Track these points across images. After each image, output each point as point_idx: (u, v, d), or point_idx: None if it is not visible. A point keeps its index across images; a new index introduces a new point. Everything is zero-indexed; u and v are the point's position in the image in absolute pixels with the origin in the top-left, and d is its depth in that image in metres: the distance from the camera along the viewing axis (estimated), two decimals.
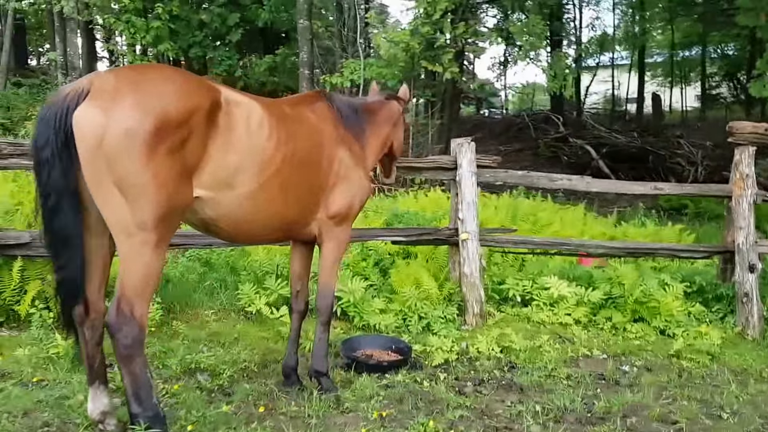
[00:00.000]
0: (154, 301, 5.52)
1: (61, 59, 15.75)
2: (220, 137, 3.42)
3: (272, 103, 4.03)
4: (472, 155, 6.30)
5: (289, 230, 4.12)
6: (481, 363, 5.32)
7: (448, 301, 6.46)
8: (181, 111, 3.19)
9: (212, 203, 3.52)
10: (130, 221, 3.14)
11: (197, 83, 3.41)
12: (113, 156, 3.04)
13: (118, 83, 3.15)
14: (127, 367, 3.30)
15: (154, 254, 3.23)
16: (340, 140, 4.27)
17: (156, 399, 3.41)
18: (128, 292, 3.21)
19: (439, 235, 6.40)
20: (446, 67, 11.46)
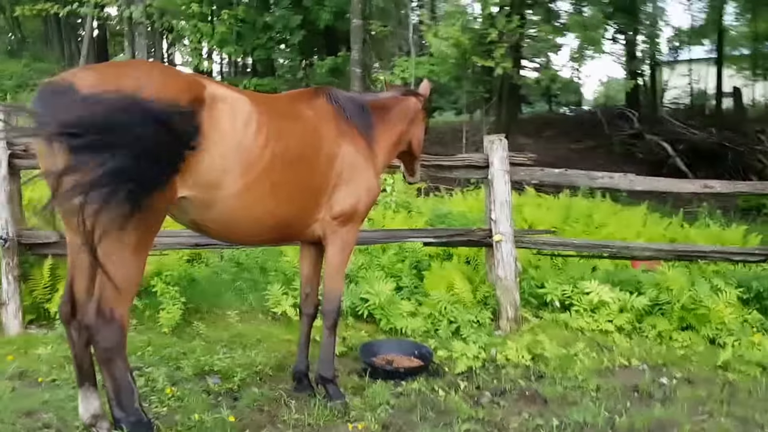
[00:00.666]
0: (178, 301, 5.54)
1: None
2: (204, 135, 3.29)
3: (265, 100, 3.89)
4: (504, 152, 6.02)
5: (286, 231, 3.99)
6: (507, 371, 5.07)
7: (483, 305, 6.21)
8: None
9: (199, 204, 3.43)
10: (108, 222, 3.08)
11: (176, 79, 3.30)
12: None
13: (98, 80, 3.06)
14: (107, 370, 3.26)
15: (134, 255, 3.17)
16: (342, 138, 4.09)
17: (139, 404, 3.34)
18: (108, 293, 3.15)
19: (472, 236, 6.16)
20: (498, 62, 11.13)
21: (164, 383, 4.39)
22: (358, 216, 4.21)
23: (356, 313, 5.95)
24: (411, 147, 4.91)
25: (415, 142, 4.91)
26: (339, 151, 4.04)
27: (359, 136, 4.23)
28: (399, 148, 4.81)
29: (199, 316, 5.88)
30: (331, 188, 4.03)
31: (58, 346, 4.91)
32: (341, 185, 4.06)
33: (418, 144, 4.97)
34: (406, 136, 4.79)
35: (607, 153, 23.12)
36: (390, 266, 6.62)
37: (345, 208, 4.09)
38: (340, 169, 4.04)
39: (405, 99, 4.81)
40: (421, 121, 4.94)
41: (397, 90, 5.02)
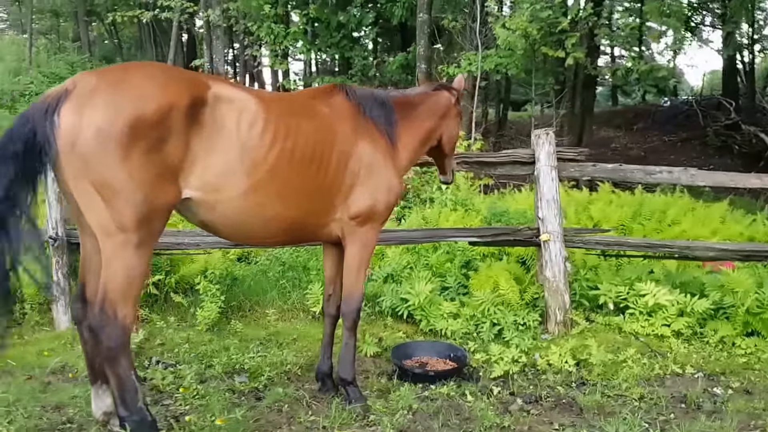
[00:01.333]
0: (218, 299, 5.60)
1: (209, 66, 16.85)
2: (206, 136, 3.30)
3: (274, 99, 3.85)
4: (551, 147, 5.74)
5: (299, 232, 3.93)
6: (546, 377, 4.84)
7: (532, 307, 5.97)
8: (154, 110, 3.10)
9: (204, 205, 3.43)
10: (110, 222, 3.12)
11: (177, 80, 3.29)
12: (87, 157, 3.03)
13: (98, 83, 3.13)
14: (111, 368, 3.30)
15: (136, 255, 3.19)
16: (359, 136, 3.98)
17: (143, 403, 3.38)
18: (110, 293, 3.20)
19: (518, 235, 5.91)
20: (570, 51, 10.66)
21: (191, 381, 4.44)
22: (377, 216, 4.10)
23: (396, 313, 5.85)
24: (442, 144, 4.74)
25: (446, 139, 4.73)
26: (355, 149, 3.94)
27: (379, 133, 4.11)
28: (428, 145, 4.65)
29: (241, 314, 5.95)
30: (347, 188, 3.93)
31: None
32: (358, 185, 3.96)
33: (450, 140, 4.78)
34: (435, 133, 4.63)
35: (702, 145, 21.94)
36: (438, 266, 6.46)
37: (362, 208, 3.99)
38: (356, 169, 3.94)
39: (435, 94, 4.65)
40: (454, 116, 4.76)
41: (428, 85, 4.86)
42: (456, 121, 4.80)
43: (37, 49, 23.82)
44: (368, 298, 6.02)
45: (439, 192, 8.55)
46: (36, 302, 5.79)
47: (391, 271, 6.26)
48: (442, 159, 4.91)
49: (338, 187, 3.88)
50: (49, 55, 23.30)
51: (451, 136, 4.77)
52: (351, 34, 17.06)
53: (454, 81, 4.89)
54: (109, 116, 3.03)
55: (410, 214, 8.15)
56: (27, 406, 4.02)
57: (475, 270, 6.38)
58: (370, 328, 5.70)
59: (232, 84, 3.68)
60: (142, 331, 5.38)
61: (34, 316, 5.71)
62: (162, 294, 5.95)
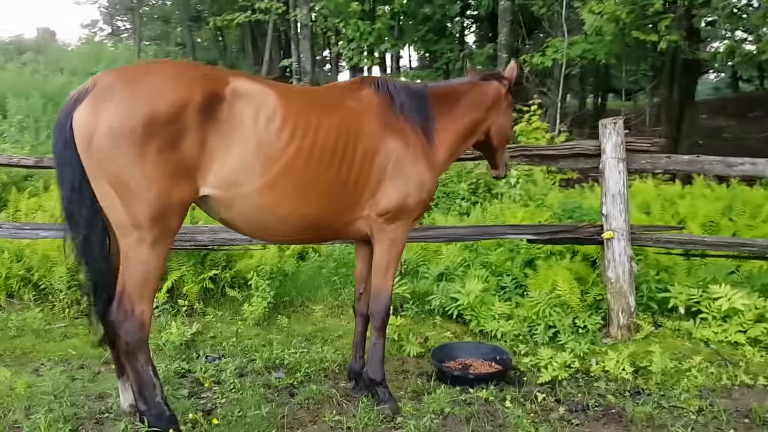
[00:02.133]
0: (268, 294, 5.64)
1: (296, 65, 17.11)
2: (223, 133, 3.29)
3: (296, 93, 3.77)
4: (619, 138, 5.36)
5: (324, 229, 3.85)
6: (598, 385, 4.54)
7: (595, 309, 5.63)
8: (167, 108, 3.12)
9: (223, 202, 3.43)
10: (126, 220, 3.18)
11: (191, 77, 3.28)
12: (102, 155, 3.10)
13: (114, 82, 3.19)
14: (130, 363, 3.37)
15: (152, 253, 3.23)
16: (387, 131, 3.84)
17: (161, 397, 3.43)
18: (129, 289, 3.27)
19: (579, 233, 5.58)
20: (663, 35, 9.93)
21: (230, 375, 4.48)
22: (407, 213, 3.95)
23: (445, 312, 5.67)
24: (490, 137, 4.52)
25: (495, 132, 4.50)
26: (382, 145, 3.81)
27: (410, 128, 3.95)
28: (472, 138, 4.45)
29: (292, 310, 5.97)
30: (374, 184, 3.80)
31: (155, 333, 5.18)
32: (386, 181, 3.83)
33: (500, 133, 4.54)
34: (481, 126, 4.42)
35: None
36: (499, 264, 6.22)
37: (391, 205, 3.86)
38: (383, 164, 3.81)
39: (482, 84, 4.44)
40: (505, 107, 4.52)
41: (476, 74, 4.62)
42: (507, 113, 4.55)
43: (146, 55, 25.08)
44: (418, 297, 5.89)
45: (508, 186, 8.23)
46: None
47: (444, 269, 6.08)
48: (491, 153, 4.69)
49: (364, 183, 3.77)
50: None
51: (501, 128, 4.53)
52: (437, 27, 16.82)
53: (506, 69, 4.66)
54: (123, 115, 3.07)
55: (474, 210, 7.91)
56: (73, 394, 4.19)
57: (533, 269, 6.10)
58: (417, 328, 5.57)
59: (254, 79, 3.61)
60: (196, 324, 5.51)
61: None
62: (218, 288, 6.06)
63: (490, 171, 4.88)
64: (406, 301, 5.81)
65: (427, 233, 5.68)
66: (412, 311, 5.76)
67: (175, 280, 5.87)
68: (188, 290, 5.86)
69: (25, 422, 3.73)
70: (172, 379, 4.46)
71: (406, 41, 16.78)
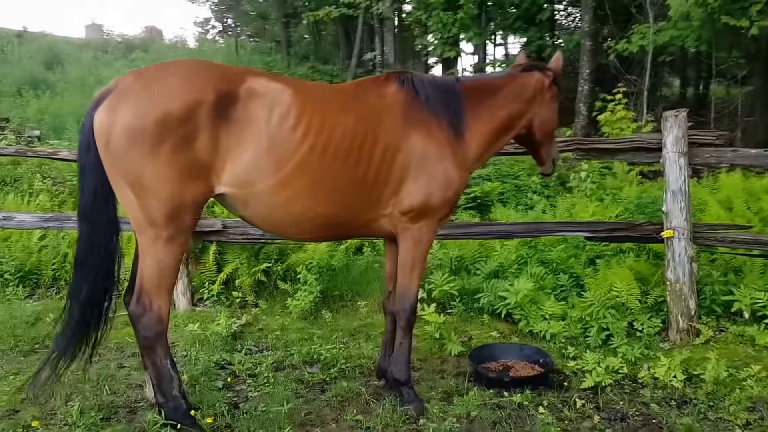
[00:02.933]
0: (315, 289, 5.69)
1: (379, 58, 17.16)
2: (236, 132, 3.31)
3: (316, 91, 3.72)
4: (681, 131, 5.01)
5: (344, 227, 3.80)
6: (644, 392, 4.29)
7: (656, 311, 5.32)
8: (180, 108, 3.18)
9: (239, 200, 3.47)
10: (141, 217, 3.28)
11: (204, 77, 3.33)
12: (118, 154, 3.21)
13: (132, 82, 3.29)
14: (148, 357, 3.49)
15: (167, 249, 3.32)
16: (411, 128, 3.74)
17: (179, 391, 3.51)
18: (146, 284, 3.38)
19: (637, 231, 5.27)
20: (754, 20, 9.19)
21: (266, 368, 4.56)
22: (431, 212, 3.84)
23: (494, 311, 5.52)
24: (532, 131, 4.31)
25: (538, 125, 4.27)
26: (405, 142, 3.72)
27: (437, 123, 3.83)
28: (511, 132, 4.25)
29: (341, 304, 5.99)
30: (396, 182, 3.73)
31: (206, 324, 5.35)
32: (409, 179, 3.74)
33: (543, 127, 4.30)
34: (520, 120, 4.21)
35: None
36: (561, 261, 6.00)
37: (414, 204, 3.77)
38: (406, 162, 3.72)
39: (522, 76, 4.22)
40: (548, 100, 4.27)
41: (517, 65, 4.41)
42: (551, 106, 4.30)
43: (245, 50, 25.87)
44: (467, 294, 5.77)
45: (577, 180, 7.92)
46: None
47: (497, 266, 5.92)
48: (536, 148, 4.46)
49: (384, 181, 3.70)
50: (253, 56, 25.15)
51: (545, 122, 4.29)
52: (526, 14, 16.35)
53: (552, 59, 4.44)
54: (137, 114, 3.16)
55: (539, 203, 7.68)
56: (116, 382, 4.39)
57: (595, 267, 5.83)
58: (463, 326, 5.46)
59: (273, 77, 3.61)
60: (246, 316, 5.65)
61: None
62: (271, 281, 6.18)
63: (539, 168, 4.65)
64: (454, 299, 5.70)
65: (475, 230, 5.55)
66: (459, 309, 5.65)
67: (229, 272, 6.04)
68: (241, 282, 6.00)
69: (62, 409, 3.93)
70: (211, 371, 4.57)
71: (493, 30, 16.44)
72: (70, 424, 3.75)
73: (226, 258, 6.18)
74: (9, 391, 4.24)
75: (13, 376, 4.55)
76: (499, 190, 8.74)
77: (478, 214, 8.20)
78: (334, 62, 26.24)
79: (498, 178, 9.07)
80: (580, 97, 12.86)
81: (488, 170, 9.17)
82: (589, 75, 12.75)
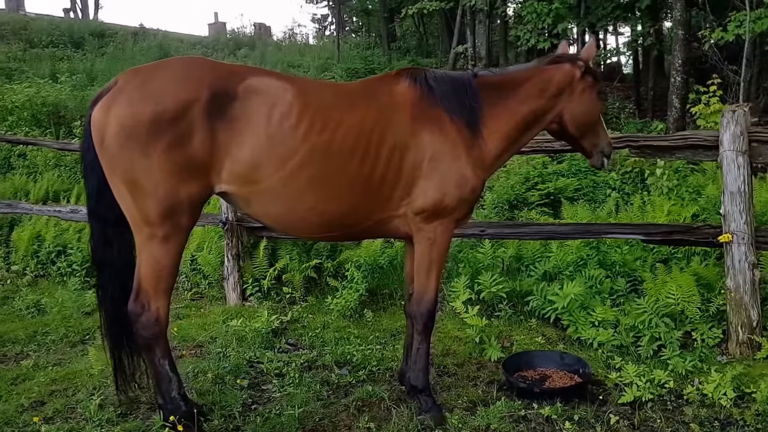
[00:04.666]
0: (360, 287, 5.66)
1: (470, 50, 16.81)
2: (234, 130, 3.30)
3: (320, 90, 3.66)
4: (739, 128, 4.59)
5: (352, 227, 3.72)
6: (687, 410, 3.97)
7: (717, 321, 4.93)
8: (173, 107, 3.20)
9: (241, 199, 3.48)
10: (136, 216, 3.33)
11: (200, 76, 3.33)
12: (112, 153, 3.26)
13: (130, 80, 3.33)
14: (147, 357, 3.55)
15: (162, 248, 3.35)
16: (422, 126, 3.61)
17: (178, 392, 3.55)
18: (143, 284, 3.42)
19: (693, 234, 4.89)
20: None
21: (295, 368, 4.58)
22: (446, 212, 3.69)
23: (543, 316, 5.30)
24: (565, 125, 4.03)
25: (569, 118, 3.98)
26: (415, 140, 3.60)
27: (450, 121, 3.68)
28: (536, 128, 4.01)
29: (390, 303, 5.93)
30: (407, 182, 3.62)
31: (250, 320, 5.42)
32: (421, 178, 3.62)
33: (576, 120, 4.00)
34: (546, 114, 3.96)
35: None
36: (625, 263, 5.67)
37: (427, 204, 3.65)
38: (417, 161, 3.60)
39: (548, 69, 3.95)
40: (581, 91, 3.96)
41: (544, 58, 4.11)
42: (584, 97, 3.98)
43: (347, 45, 26.11)
44: (516, 298, 5.56)
45: (654, 177, 7.45)
46: (213, 279, 6.50)
47: (552, 267, 5.66)
48: (575, 142, 4.19)
49: (393, 181, 3.60)
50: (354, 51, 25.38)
51: (577, 114, 3.99)
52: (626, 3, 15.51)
53: (584, 48, 4.17)
54: (130, 113, 3.20)
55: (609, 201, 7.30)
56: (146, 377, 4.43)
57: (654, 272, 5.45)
58: (508, 330, 5.27)
59: (276, 75, 3.58)
60: (291, 313, 5.71)
61: (211, 291, 6.41)
62: (322, 278, 6.21)
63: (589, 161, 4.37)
64: (502, 301, 5.51)
65: (521, 230, 5.35)
66: (507, 312, 5.46)
67: (280, 268, 6.13)
68: (291, 278, 6.08)
69: (83, 403, 4.03)
70: (241, 368, 4.62)
71: (591, 20, 15.73)
72: (87, 418, 3.85)
73: (279, 254, 6.28)
74: (43, 383, 4.41)
75: (53, 366, 4.75)
76: (575, 186, 8.38)
77: (551, 212, 7.90)
78: (436, 55, 26.05)
79: (574, 174, 8.71)
80: (672, 89, 12.10)
81: (563, 165, 8.82)
82: (682, 65, 11.96)
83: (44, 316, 5.94)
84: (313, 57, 22.72)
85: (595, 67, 4.13)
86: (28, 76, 15.22)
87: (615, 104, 16.15)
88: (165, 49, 23.06)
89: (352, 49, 25.20)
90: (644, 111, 15.99)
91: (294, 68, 20.21)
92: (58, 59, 19.40)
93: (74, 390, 4.30)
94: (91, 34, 24.02)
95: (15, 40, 20.97)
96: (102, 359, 4.45)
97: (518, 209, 7.86)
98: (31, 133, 10.71)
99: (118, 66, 19.34)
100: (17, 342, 5.30)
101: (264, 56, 23.03)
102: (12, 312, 6.14)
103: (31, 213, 7.44)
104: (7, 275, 7.33)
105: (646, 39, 15.53)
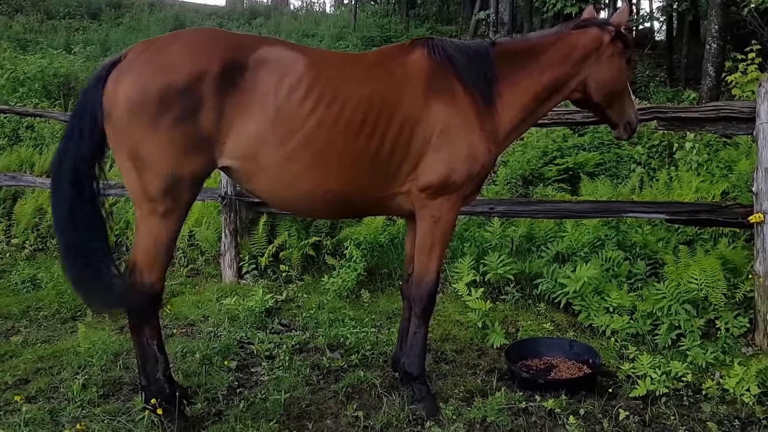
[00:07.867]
0: (357, 266, 5.37)
1: (493, 17, 16.25)
2: (242, 102, 3.13)
3: (332, 61, 3.44)
4: None
5: (356, 204, 3.50)
6: (704, 406, 3.64)
7: (745, 308, 4.54)
8: (183, 79, 3.05)
9: (244, 174, 3.29)
10: (139, 190, 3.17)
11: (211, 47, 3.17)
12: (119, 126, 3.11)
13: (140, 52, 3.18)
14: (135, 336, 3.36)
15: (162, 224, 3.19)
16: (435, 98, 3.35)
17: (163, 374, 3.36)
18: (138, 259, 3.24)
19: (722, 214, 4.49)
20: None
21: (285, 351, 4.33)
22: (452, 188, 3.42)
23: (554, 300, 4.95)
24: (588, 93, 3.70)
25: (594, 86, 3.66)
26: (426, 113, 3.33)
27: (464, 92, 3.40)
28: (557, 97, 3.70)
29: (388, 283, 5.63)
30: (415, 156, 3.36)
31: (244, 299, 5.17)
32: (429, 152, 3.35)
33: (601, 88, 3.68)
34: (569, 82, 3.65)
35: None
36: (646, 244, 5.28)
37: (434, 179, 3.37)
38: (427, 135, 3.34)
39: (571, 35, 3.64)
40: (608, 58, 3.64)
41: (568, 23, 3.79)
42: (612, 64, 3.66)
43: (364, 14, 25.64)
44: (524, 280, 5.21)
45: (682, 151, 6.99)
46: (210, 255, 6.25)
47: (564, 248, 5.29)
48: (600, 112, 3.88)
49: (401, 156, 3.35)
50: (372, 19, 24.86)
51: (604, 82, 3.67)
52: None
53: (616, 13, 3.81)
54: (139, 87, 3.06)
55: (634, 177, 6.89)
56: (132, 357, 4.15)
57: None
58: (514, 315, 4.94)
59: (289, 46, 3.40)
60: (286, 292, 5.46)
61: (207, 268, 6.18)
62: (320, 256, 5.93)
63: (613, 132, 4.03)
64: (508, 284, 5.17)
65: (534, 208, 5.00)
66: (513, 296, 5.11)
67: (278, 245, 5.86)
68: (289, 256, 5.81)
69: (66, 383, 3.88)
70: (231, 349, 4.40)
71: None
72: (69, 398, 3.70)
73: (278, 231, 6.01)
74: (30, 360, 4.26)
75: (41, 343, 4.59)
76: (596, 160, 7.93)
77: (569, 188, 7.49)
78: (457, 22, 25.44)
79: (596, 148, 8.26)
80: (707, 56, 11.51)
81: (584, 138, 8.37)
82: (719, 32, 11.35)
83: (39, 291, 5.77)
84: (329, 26, 22.33)
85: (627, 33, 3.77)
86: (42, 47, 15.11)
87: (645, 72, 15.54)
88: (181, 19, 22.92)
89: (369, 17, 24.73)
90: (676, 80, 15.36)
91: (308, 38, 19.88)
92: (73, 30, 19.34)
93: (59, 368, 4.14)
94: (108, 4, 23.91)
95: (33, 11, 20.94)
96: (89, 337, 4.36)
97: (533, 185, 7.45)
98: (40, 105, 10.54)
99: (133, 36, 19.21)
100: (9, 317, 5.16)
101: (279, 26, 22.73)
102: (8, 286, 5.99)
103: (35, 186, 7.28)
104: (6, 248, 7.19)
105: (681, 3, 14.85)
